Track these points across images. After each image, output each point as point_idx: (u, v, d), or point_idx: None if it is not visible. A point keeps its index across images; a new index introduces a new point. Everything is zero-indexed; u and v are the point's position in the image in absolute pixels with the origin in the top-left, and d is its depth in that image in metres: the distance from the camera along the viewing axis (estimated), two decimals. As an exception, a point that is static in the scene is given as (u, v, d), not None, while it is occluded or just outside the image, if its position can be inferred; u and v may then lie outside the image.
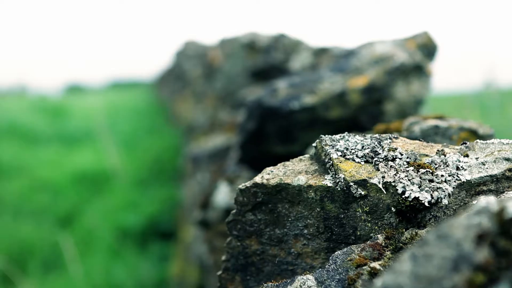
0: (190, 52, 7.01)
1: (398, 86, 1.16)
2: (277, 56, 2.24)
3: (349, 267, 0.52)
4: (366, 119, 1.17)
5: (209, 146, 1.82)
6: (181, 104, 5.02)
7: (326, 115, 1.15)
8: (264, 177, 0.61)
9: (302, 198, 0.60)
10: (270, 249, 0.63)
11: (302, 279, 0.52)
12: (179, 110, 5.14)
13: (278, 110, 1.14)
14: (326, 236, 0.60)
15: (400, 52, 1.18)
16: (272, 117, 1.16)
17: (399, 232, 0.54)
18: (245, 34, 2.74)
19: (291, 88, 1.18)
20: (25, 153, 6.46)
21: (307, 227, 0.60)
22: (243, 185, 0.62)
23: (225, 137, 1.84)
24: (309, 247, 0.61)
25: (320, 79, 1.20)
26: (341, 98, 1.14)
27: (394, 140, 0.60)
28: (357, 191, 0.56)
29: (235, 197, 0.63)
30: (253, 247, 0.64)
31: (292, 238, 0.61)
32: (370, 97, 1.14)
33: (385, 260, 0.52)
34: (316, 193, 0.59)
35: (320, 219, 0.59)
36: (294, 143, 1.20)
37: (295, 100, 1.15)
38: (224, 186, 1.25)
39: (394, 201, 0.55)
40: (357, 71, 1.18)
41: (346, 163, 0.58)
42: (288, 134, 1.18)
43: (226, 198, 1.23)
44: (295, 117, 1.15)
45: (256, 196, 0.61)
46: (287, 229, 0.61)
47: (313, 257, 0.61)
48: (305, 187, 0.59)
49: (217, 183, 1.27)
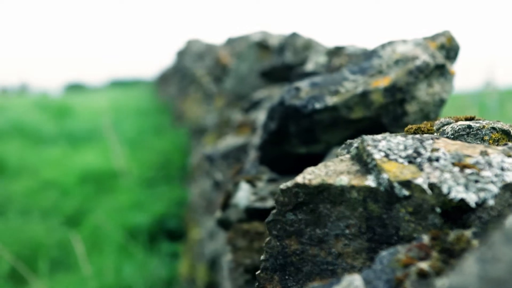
0: (194, 50, 7.01)
1: (420, 87, 1.17)
2: (290, 56, 2.24)
3: (396, 268, 0.52)
4: (388, 119, 1.17)
5: (224, 146, 1.83)
6: (187, 103, 5.02)
7: (349, 115, 1.15)
8: (306, 177, 0.61)
9: (344, 198, 0.60)
10: (310, 249, 0.63)
11: (349, 279, 0.53)
12: (185, 110, 5.15)
13: (301, 110, 1.15)
14: (368, 236, 0.60)
15: (422, 52, 1.18)
16: (294, 117, 1.16)
17: (444, 233, 0.55)
18: (255, 33, 2.74)
19: (313, 88, 1.19)
20: (31, 152, 6.48)
21: (349, 227, 0.61)
22: (284, 185, 0.62)
23: (239, 138, 1.85)
24: (350, 247, 0.61)
25: (341, 79, 1.20)
26: (364, 98, 1.14)
27: (436, 140, 0.60)
28: (401, 192, 0.57)
29: (275, 197, 0.63)
30: (292, 247, 0.64)
31: (333, 238, 0.62)
32: (393, 98, 1.14)
33: (433, 261, 0.52)
34: (358, 194, 0.59)
35: (362, 219, 0.60)
36: (315, 143, 1.20)
37: (318, 100, 1.15)
38: (244, 187, 1.25)
39: (439, 202, 0.55)
40: (379, 71, 1.19)
41: (389, 163, 0.58)
42: (310, 134, 1.18)
43: (247, 198, 1.23)
44: (318, 117, 1.15)
45: (297, 196, 0.62)
46: (328, 229, 0.62)
47: (354, 257, 0.61)
48: (347, 187, 0.59)
49: (238, 183, 1.27)
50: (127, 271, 2.93)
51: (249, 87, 2.64)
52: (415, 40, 1.23)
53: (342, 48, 1.80)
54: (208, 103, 3.56)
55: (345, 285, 0.53)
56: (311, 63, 1.80)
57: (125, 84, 21.12)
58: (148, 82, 19.78)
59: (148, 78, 20.40)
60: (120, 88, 19.14)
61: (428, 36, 1.25)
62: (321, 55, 1.78)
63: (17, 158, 6.06)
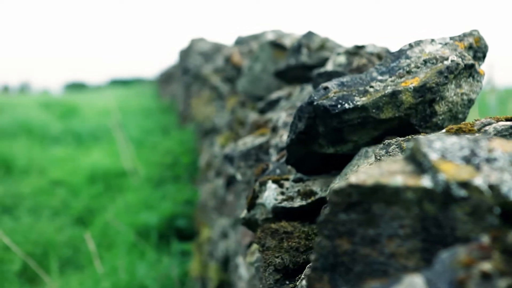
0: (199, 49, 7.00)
1: (449, 87, 1.16)
2: (306, 55, 2.24)
3: (458, 268, 0.52)
4: (417, 119, 1.17)
5: (242, 145, 1.83)
6: (195, 103, 5.02)
7: (378, 115, 1.15)
8: (360, 177, 0.61)
9: (399, 198, 0.60)
10: (361, 249, 0.63)
11: (410, 279, 0.53)
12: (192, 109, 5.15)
13: (330, 110, 1.15)
14: (423, 237, 0.60)
15: (450, 52, 1.18)
16: (323, 117, 1.16)
17: (504, 234, 0.54)
18: (268, 32, 2.74)
19: (342, 88, 1.19)
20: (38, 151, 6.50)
21: (403, 228, 0.61)
22: (337, 185, 0.62)
23: (258, 137, 1.85)
24: (404, 247, 0.61)
25: (370, 79, 1.20)
26: (393, 98, 1.14)
27: (491, 140, 0.60)
28: (459, 192, 0.57)
29: (328, 197, 0.63)
30: (344, 246, 0.64)
31: (386, 238, 0.62)
32: (422, 98, 1.14)
33: (495, 261, 0.52)
34: (414, 194, 0.59)
35: (417, 220, 0.60)
36: (343, 143, 1.20)
37: (347, 100, 1.15)
38: (271, 186, 1.25)
39: (498, 203, 0.55)
40: (407, 71, 1.19)
41: (445, 164, 0.58)
42: (338, 134, 1.18)
43: (274, 198, 1.23)
44: (347, 117, 1.16)
45: (350, 196, 0.62)
46: (381, 229, 0.62)
47: (408, 258, 0.61)
48: (402, 187, 0.59)
49: (264, 183, 1.27)
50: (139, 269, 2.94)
51: (263, 86, 2.64)
52: (443, 40, 1.22)
53: (362, 47, 1.80)
54: (219, 103, 3.56)
55: (406, 285, 0.53)
56: (330, 63, 1.80)
57: (125, 83, 21.18)
58: (148, 81, 19.80)
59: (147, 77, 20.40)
60: (120, 87, 19.15)
61: (455, 35, 1.25)
62: (341, 54, 1.78)
63: (24, 158, 6.08)
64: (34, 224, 4.13)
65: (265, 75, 2.63)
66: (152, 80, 19.36)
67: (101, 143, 7.23)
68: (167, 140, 6.64)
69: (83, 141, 7.49)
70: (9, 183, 5.24)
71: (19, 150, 6.29)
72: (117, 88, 18.78)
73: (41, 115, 8.83)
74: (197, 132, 5.52)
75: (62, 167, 5.92)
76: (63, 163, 6.18)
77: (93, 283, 2.96)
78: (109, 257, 3.64)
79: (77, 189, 5.17)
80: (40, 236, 3.94)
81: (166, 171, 5.17)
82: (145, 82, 20.46)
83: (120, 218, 4.16)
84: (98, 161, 5.80)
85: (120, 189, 5.25)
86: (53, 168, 5.92)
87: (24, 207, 4.57)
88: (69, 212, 4.65)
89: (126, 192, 5.01)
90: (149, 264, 3.15)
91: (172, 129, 7.96)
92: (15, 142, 6.70)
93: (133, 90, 16.70)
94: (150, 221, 3.99)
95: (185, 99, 8.11)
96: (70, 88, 21.25)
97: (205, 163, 4.02)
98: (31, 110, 9.59)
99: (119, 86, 20.51)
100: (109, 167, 5.59)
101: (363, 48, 1.77)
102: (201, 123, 4.59)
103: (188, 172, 5.17)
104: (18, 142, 6.74)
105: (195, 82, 7.17)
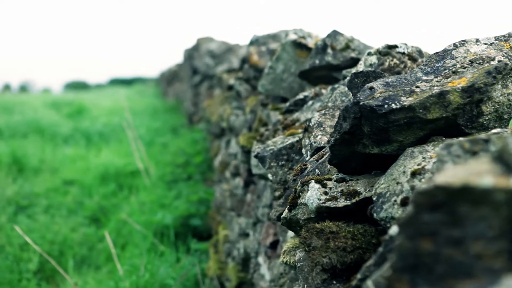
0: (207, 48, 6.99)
1: (496, 87, 1.16)
2: (331, 55, 2.24)
3: (558, 269, 0.52)
4: (463, 120, 1.17)
5: (271, 145, 1.83)
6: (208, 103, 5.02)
7: (425, 115, 1.15)
8: (447, 178, 0.61)
9: (487, 199, 0.60)
10: (445, 249, 0.63)
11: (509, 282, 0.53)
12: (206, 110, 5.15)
13: (376, 110, 1.15)
14: (510, 238, 0.60)
15: (496, 53, 1.18)
16: (369, 117, 1.16)
17: None
18: (290, 31, 2.74)
19: (388, 88, 1.18)
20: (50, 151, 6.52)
21: (490, 229, 0.60)
22: (422, 186, 0.62)
23: (288, 137, 1.85)
24: (490, 249, 0.61)
25: (415, 79, 1.20)
26: (441, 99, 1.14)
27: None
28: (552, 193, 0.56)
29: (412, 198, 0.63)
30: (426, 247, 0.64)
31: (472, 239, 0.62)
32: (470, 98, 1.14)
33: None
34: (503, 195, 0.59)
35: (505, 221, 0.60)
36: (388, 143, 1.20)
37: (394, 100, 1.15)
38: (315, 186, 1.25)
39: None
40: (453, 71, 1.18)
41: (537, 165, 0.58)
42: (383, 134, 1.18)
43: (318, 198, 1.23)
44: (393, 117, 1.15)
45: (436, 197, 0.62)
46: (466, 230, 0.62)
47: (494, 259, 0.61)
48: (491, 189, 0.59)
49: (307, 183, 1.27)
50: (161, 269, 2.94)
51: (285, 87, 2.64)
52: (487, 40, 1.22)
53: (393, 47, 1.79)
54: (235, 103, 3.56)
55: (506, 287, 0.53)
56: (361, 63, 1.80)
57: (124, 82, 21.20)
58: (148, 80, 19.78)
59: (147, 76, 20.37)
60: (121, 85, 19.14)
61: (499, 35, 1.25)
62: (372, 54, 1.78)
63: (36, 157, 6.10)
64: (50, 223, 4.14)
65: (287, 75, 2.63)
66: (152, 79, 19.34)
67: (111, 143, 7.25)
68: (177, 139, 6.65)
69: (93, 141, 7.51)
70: (22, 183, 5.26)
71: (31, 149, 6.31)
72: (118, 87, 18.79)
73: (50, 115, 8.86)
74: (209, 132, 5.52)
75: (73, 166, 5.94)
76: (74, 162, 6.20)
77: (113, 282, 2.96)
78: (125, 256, 3.65)
79: (89, 188, 5.18)
80: (56, 235, 3.95)
81: (178, 171, 5.17)
82: (146, 81, 20.47)
83: (134, 217, 4.17)
84: (109, 161, 5.81)
85: (132, 188, 5.26)
86: (64, 168, 5.94)
87: (39, 207, 4.59)
88: (82, 211, 4.67)
89: (139, 191, 5.02)
90: (168, 263, 3.15)
91: (180, 129, 7.97)
92: (27, 142, 6.73)
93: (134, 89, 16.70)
94: (165, 220, 3.99)
95: (194, 99, 8.12)
96: (70, 87, 21.27)
97: (220, 163, 4.02)
98: (39, 109, 9.62)
99: (119, 85, 20.51)
100: (120, 167, 5.60)
101: (395, 48, 1.76)
102: (215, 123, 4.59)
103: (200, 172, 5.18)
104: (30, 141, 6.77)
105: (205, 82, 7.17)
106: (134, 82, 21.83)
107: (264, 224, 2.65)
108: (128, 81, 23.52)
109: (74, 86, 21.84)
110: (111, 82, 23.87)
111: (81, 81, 23.59)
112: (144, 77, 22.11)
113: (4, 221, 4.05)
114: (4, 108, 9.31)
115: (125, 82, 22.97)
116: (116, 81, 23.76)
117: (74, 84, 22.93)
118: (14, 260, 3.66)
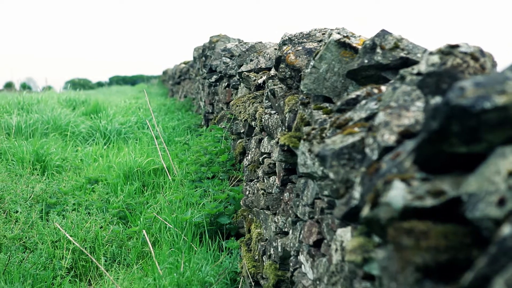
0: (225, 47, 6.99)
1: None
2: (380, 55, 2.24)
3: None
4: (555, 119, 1.16)
5: (332, 144, 1.84)
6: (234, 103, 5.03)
7: (518, 115, 1.14)
8: None
9: None
10: None
11: None
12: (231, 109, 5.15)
13: (468, 109, 1.15)
14: None
15: None
16: (459, 117, 1.17)
17: None
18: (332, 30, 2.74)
19: (478, 88, 1.19)
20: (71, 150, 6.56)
21: None
22: None
23: (347, 136, 1.85)
24: None
25: (504, 79, 1.20)
26: (534, 98, 1.14)
27: None
28: None
29: None
30: None
31: None
32: None
33: None
34: None
35: None
36: (477, 143, 1.20)
37: (486, 99, 1.15)
38: (399, 185, 1.25)
39: None
40: (543, 71, 1.18)
41: None
42: (473, 134, 1.18)
43: (403, 197, 1.24)
44: (484, 117, 1.15)
45: None
46: None
47: None
48: None
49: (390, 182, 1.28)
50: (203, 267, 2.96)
51: (328, 86, 2.65)
52: None
53: (455, 46, 1.79)
54: (269, 102, 3.57)
55: None
56: (424, 62, 1.80)
57: (126, 80, 21.26)
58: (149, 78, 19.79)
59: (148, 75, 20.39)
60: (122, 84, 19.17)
61: None
62: (434, 54, 1.78)
63: (59, 156, 6.14)
64: (80, 221, 4.17)
65: (330, 74, 2.63)
66: (155, 77, 19.35)
67: (130, 141, 7.28)
68: (197, 138, 6.66)
69: (111, 140, 7.55)
70: (47, 181, 5.30)
71: (53, 148, 6.35)
72: (119, 86, 18.84)
73: (67, 114, 8.91)
74: (231, 131, 5.53)
75: (96, 165, 5.98)
76: (96, 161, 6.23)
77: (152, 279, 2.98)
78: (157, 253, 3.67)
79: (114, 186, 5.21)
80: (87, 232, 3.98)
81: (202, 170, 5.19)
82: (148, 79, 20.47)
83: (163, 215, 4.19)
84: (132, 159, 5.84)
85: (156, 187, 5.29)
86: (87, 166, 5.97)
87: (67, 204, 4.62)
88: (109, 209, 4.70)
89: (164, 189, 5.04)
90: (206, 261, 3.17)
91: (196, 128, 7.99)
92: (48, 141, 6.77)
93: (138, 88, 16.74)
94: (194, 218, 4.01)
95: (209, 98, 8.13)
96: (72, 85, 21.31)
97: (250, 161, 4.03)
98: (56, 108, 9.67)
99: (120, 83, 20.53)
100: (143, 165, 5.63)
101: (456, 47, 1.76)
102: (242, 122, 4.60)
103: (224, 171, 5.19)
104: (51, 140, 6.81)
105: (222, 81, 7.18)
106: (135, 81, 21.86)
107: (305, 223, 2.66)
108: (128, 79, 23.53)
109: (75, 84, 21.88)
110: (112, 80, 23.89)
111: (83, 79, 23.62)
112: (145, 76, 22.10)
113: (36, 219, 4.08)
114: (21, 106, 9.37)
115: (125, 81, 23.00)
116: (117, 79, 23.77)
117: (76, 82, 22.98)
118: (48, 257, 3.69)
